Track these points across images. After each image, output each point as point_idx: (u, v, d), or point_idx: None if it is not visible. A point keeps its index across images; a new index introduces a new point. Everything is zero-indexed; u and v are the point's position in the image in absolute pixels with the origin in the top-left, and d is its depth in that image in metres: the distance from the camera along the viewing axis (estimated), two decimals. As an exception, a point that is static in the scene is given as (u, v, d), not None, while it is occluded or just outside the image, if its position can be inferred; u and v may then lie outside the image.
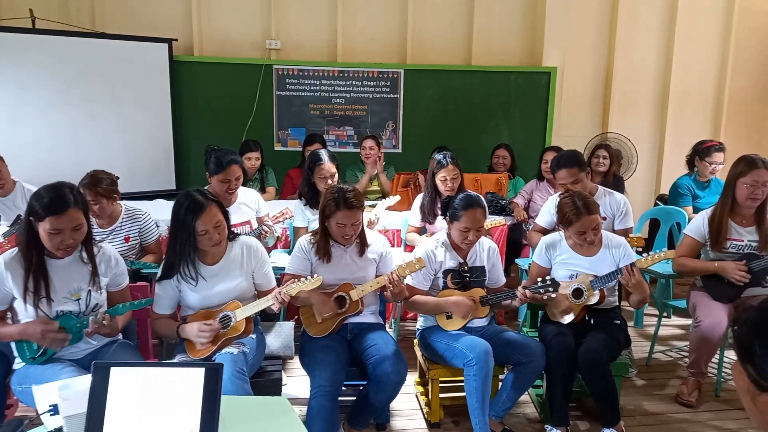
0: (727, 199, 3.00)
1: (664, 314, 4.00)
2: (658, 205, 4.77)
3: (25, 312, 2.14)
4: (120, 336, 2.38)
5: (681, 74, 6.01)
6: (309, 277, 2.39)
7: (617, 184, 4.41)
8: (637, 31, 5.93)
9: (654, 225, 4.42)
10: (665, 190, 4.91)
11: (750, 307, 0.95)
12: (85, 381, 1.51)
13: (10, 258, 2.14)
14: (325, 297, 2.52)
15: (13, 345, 2.19)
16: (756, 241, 2.97)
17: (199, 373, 1.47)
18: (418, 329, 2.87)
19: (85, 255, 2.22)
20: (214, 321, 2.30)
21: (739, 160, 2.99)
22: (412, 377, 3.06)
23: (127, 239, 3.14)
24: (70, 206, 2.08)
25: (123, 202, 3.22)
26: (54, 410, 1.55)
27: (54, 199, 2.07)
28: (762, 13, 6.05)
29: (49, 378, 1.94)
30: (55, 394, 1.54)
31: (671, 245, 4.02)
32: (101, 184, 3.02)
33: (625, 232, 3.25)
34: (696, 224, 3.10)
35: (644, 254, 2.71)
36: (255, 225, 3.37)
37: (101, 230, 3.09)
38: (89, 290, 2.21)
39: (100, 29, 5.15)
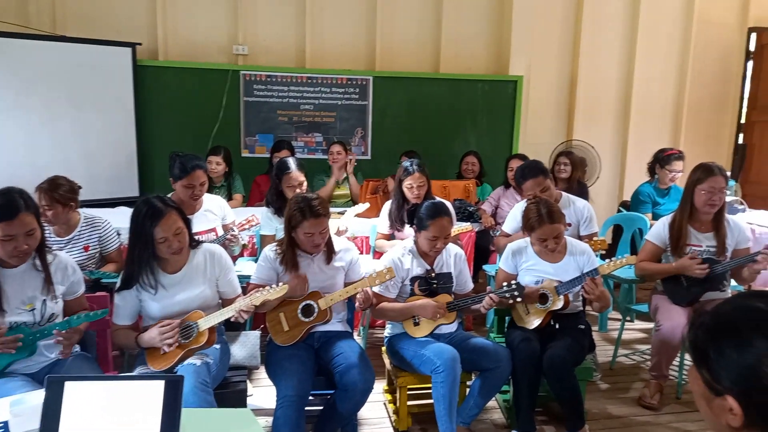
0: (686, 205, 3.08)
1: (627, 318, 4.08)
2: (621, 211, 4.88)
3: (-23, 324, 2.06)
4: (78, 348, 2.31)
5: (642, 84, 6.18)
6: (274, 285, 2.36)
7: (581, 191, 4.49)
8: (600, 42, 6.07)
9: (617, 231, 4.52)
10: (628, 196, 5.03)
11: (704, 312, 0.96)
12: (38, 396, 1.46)
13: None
14: (300, 279, 2.48)
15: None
16: (714, 247, 3.05)
17: (159, 386, 1.43)
18: (386, 337, 2.86)
19: (38, 263, 2.15)
20: (173, 321, 2.23)
21: (697, 167, 3.08)
22: (380, 385, 3.05)
23: (86, 248, 3.05)
24: (21, 211, 2.02)
25: (82, 210, 3.13)
26: (4, 427, 1.49)
27: (3, 205, 2.00)
28: (719, 25, 6.26)
29: (1, 394, 1.86)
30: (6, 410, 1.48)
31: (634, 251, 4.11)
32: (59, 190, 2.92)
33: (590, 238, 3.31)
34: (657, 230, 3.18)
35: (607, 260, 2.76)
36: (221, 233, 3.31)
37: (59, 239, 3.00)
38: (44, 300, 2.14)
39: (60, 32, 5.02)
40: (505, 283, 2.66)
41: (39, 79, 4.62)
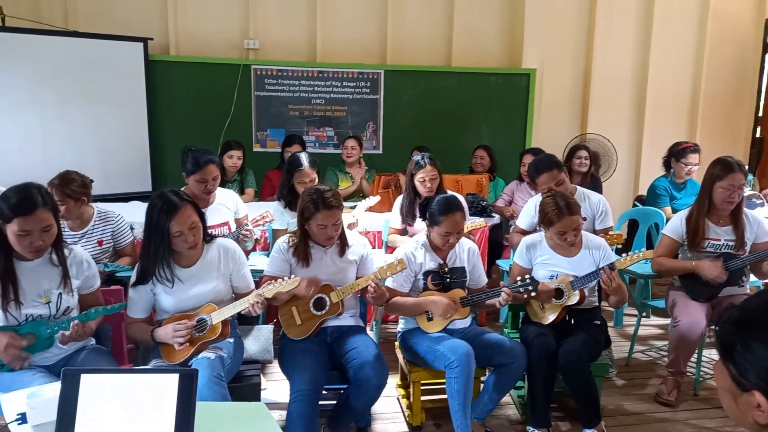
0: (704, 201, 3.02)
1: (644, 314, 4.03)
2: (637, 206, 4.82)
3: (-6, 316, 2.07)
4: (93, 341, 2.32)
5: (657, 77, 6.09)
6: (287, 278, 2.34)
7: (594, 185, 4.44)
8: (615, 34, 5.99)
9: (633, 225, 4.46)
10: (643, 191, 4.97)
11: (731, 306, 0.94)
12: (55, 388, 1.46)
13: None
14: (311, 282, 2.44)
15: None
16: (732, 241, 3.00)
17: (173, 379, 1.42)
18: (399, 332, 2.84)
19: (55, 257, 2.16)
20: (188, 320, 2.24)
21: (716, 162, 3.01)
22: (393, 380, 3.04)
23: (100, 242, 3.06)
24: (38, 207, 2.03)
25: (95, 205, 3.14)
26: (22, 419, 1.49)
27: (22, 200, 2.01)
28: (735, 18, 6.16)
29: (19, 385, 1.87)
30: (24, 402, 1.48)
31: (650, 245, 4.05)
32: (71, 185, 2.94)
33: (605, 232, 3.26)
34: (674, 224, 3.13)
35: (623, 255, 2.72)
36: (233, 226, 3.32)
37: (73, 233, 3.01)
38: (60, 293, 2.15)
39: (72, 28, 5.03)
40: (519, 278, 2.63)
41: (52, 74, 4.64)
